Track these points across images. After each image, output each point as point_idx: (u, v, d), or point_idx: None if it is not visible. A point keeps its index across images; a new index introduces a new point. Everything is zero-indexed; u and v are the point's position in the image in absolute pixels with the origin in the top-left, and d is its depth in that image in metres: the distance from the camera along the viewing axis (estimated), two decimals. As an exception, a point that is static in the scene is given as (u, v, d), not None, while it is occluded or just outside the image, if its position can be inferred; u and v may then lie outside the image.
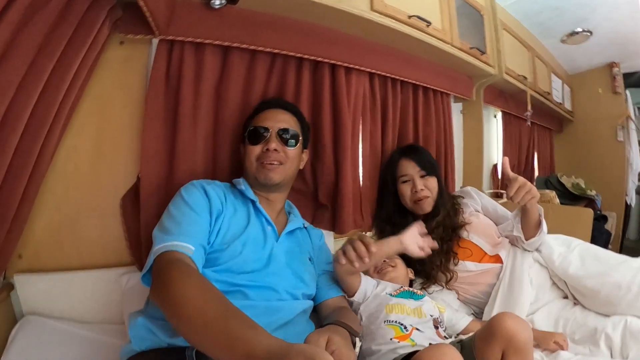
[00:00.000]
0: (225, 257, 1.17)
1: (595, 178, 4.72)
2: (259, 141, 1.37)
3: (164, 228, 1.10)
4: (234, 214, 1.28)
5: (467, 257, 1.79)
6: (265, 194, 1.40)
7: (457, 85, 2.66)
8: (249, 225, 1.28)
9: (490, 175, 3.50)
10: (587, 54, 4.51)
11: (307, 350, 0.67)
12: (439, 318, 1.41)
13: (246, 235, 1.25)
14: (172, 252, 1.02)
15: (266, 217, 1.35)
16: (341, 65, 1.79)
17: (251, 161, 1.38)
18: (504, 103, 3.43)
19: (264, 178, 1.36)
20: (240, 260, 1.19)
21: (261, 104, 1.49)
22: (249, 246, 1.23)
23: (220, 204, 1.25)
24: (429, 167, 1.87)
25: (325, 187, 1.83)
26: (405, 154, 1.91)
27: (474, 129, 3.00)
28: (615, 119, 4.96)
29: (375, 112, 2.04)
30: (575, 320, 1.57)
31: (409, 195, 1.86)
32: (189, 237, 1.08)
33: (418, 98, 2.30)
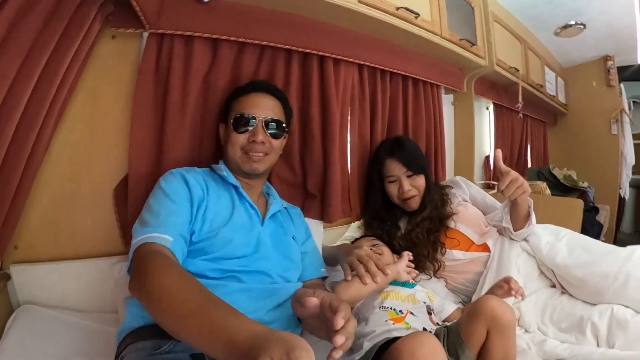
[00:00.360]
0: (216, 244, 1.18)
1: (590, 171, 4.75)
2: (245, 130, 1.35)
3: (142, 220, 1.09)
4: (218, 200, 1.27)
5: (455, 246, 1.81)
6: (247, 180, 1.39)
7: (447, 76, 2.68)
8: (235, 211, 1.28)
9: (482, 167, 3.52)
10: (581, 47, 4.52)
11: (287, 337, 0.67)
12: (431, 305, 1.42)
13: (234, 221, 1.24)
14: (150, 244, 1.01)
15: (249, 202, 1.34)
16: (330, 56, 1.81)
17: (235, 150, 1.36)
18: (496, 95, 3.44)
19: (249, 168, 1.35)
20: (232, 247, 1.20)
21: (248, 86, 1.46)
22: (238, 232, 1.23)
23: (202, 191, 1.23)
24: (416, 166, 1.87)
25: (314, 176, 1.85)
26: (391, 154, 1.89)
27: (465, 121, 3.01)
28: (609, 112, 4.98)
29: (364, 103, 2.06)
30: (562, 309, 1.58)
31: (396, 194, 1.88)
32: (167, 228, 1.06)
33: (408, 89, 2.32)
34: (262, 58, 1.67)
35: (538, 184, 3.29)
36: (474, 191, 2.06)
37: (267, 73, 1.68)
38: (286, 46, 1.67)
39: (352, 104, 2.00)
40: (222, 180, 1.35)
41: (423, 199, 1.88)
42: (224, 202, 1.29)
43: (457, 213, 1.89)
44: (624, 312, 1.43)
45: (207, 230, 1.19)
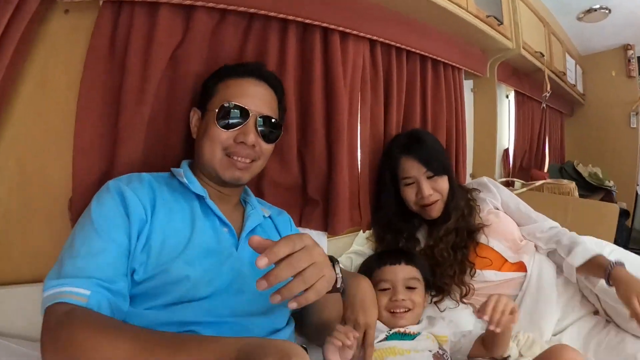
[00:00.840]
0: (166, 285, 0.89)
1: (606, 166, 4.50)
2: (232, 126, 1.05)
3: (59, 262, 0.84)
4: (170, 219, 0.96)
5: (486, 266, 1.53)
6: (220, 188, 1.11)
7: (469, 59, 2.37)
8: (196, 232, 0.97)
9: (501, 162, 3.28)
10: (602, 34, 4.38)
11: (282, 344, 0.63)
12: (439, 351, 1.20)
13: (193, 247, 0.95)
14: (60, 304, 0.77)
15: (220, 217, 1.04)
16: (336, 29, 1.49)
17: (214, 149, 1.05)
18: (518, 82, 3.19)
19: (230, 177, 1.06)
20: (190, 287, 0.91)
21: (240, 67, 1.17)
22: (199, 262, 0.94)
23: (144, 211, 0.93)
24: (438, 165, 1.56)
25: (315, 178, 1.54)
26: (407, 151, 1.59)
27: (486, 110, 2.72)
28: (629, 104, 4.85)
29: (378, 88, 1.73)
30: (608, 343, 1.35)
31: (413, 200, 1.57)
32: (84, 277, 0.80)
33: (426, 71, 2.01)
34: (249, 31, 1.35)
35: (566, 184, 2.98)
36: (505, 196, 1.73)
37: (255, 50, 1.36)
38: (280, 15, 1.35)
39: (363, 88, 1.67)
40: (183, 188, 1.05)
41: (446, 206, 1.56)
42: (179, 219, 0.98)
43: (488, 225, 1.57)
44: None
45: (153, 265, 0.89)
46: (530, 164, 3.75)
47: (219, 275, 0.95)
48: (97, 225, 0.87)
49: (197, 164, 1.11)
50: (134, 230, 0.89)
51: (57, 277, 0.80)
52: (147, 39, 1.16)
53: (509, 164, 3.32)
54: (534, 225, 1.61)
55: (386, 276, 1.34)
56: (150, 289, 0.89)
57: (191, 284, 0.90)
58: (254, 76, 1.13)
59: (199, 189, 1.04)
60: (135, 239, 0.89)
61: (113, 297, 0.82)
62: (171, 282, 0.89)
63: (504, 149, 3.32)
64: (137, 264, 0.88)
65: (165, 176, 1.07)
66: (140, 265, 0.88)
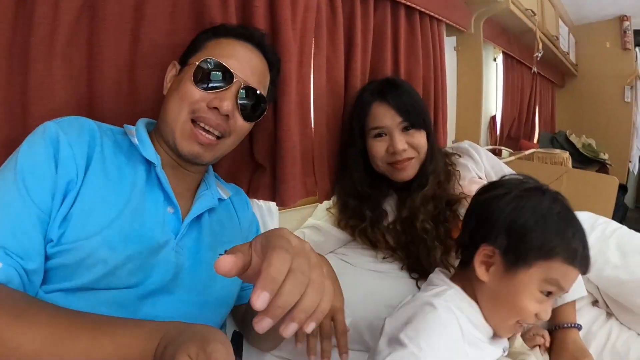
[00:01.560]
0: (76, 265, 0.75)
1: (598, 139, 4.53)
2: (209, 87, 0.89)
3: None
4: (104, 185, 0.80)
5: None
6: (179, 162, 0.93)
7: (451, 10, 2.16)
8: (129, 206, 0.81)
9: (487, 129, 3.15)
10: (598, 3, 4.43)
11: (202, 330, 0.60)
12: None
13: (120, 224, 0.78)
14: None
15: (167, 192, 0.87)
16: (282, -38, 1.25)
17: (180, 107, 0.88)
18: (507, 43, 3.05)
19: (188, 151, 0.89)
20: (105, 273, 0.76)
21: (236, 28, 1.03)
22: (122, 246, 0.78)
23: (75, 170, 0.78)
24: (416, 116, 1.31)
25: (262, 138, 1.32)
26: (380, 97, 1.34)
27: (471, 70, 2.54)
28: (623, 77, 4.89)
29: (336, 34, 1.50)
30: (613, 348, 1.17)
31: (382, 156, 1.33)
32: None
33: (399, 20, 1.77)
34: None
35: (559, 154, 2.87)
36: (489, 164, 1.50)
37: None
38: None
39: (318, 34, 1.43)
40: (132, 149, 0.89)
41: (423, 167, 1.34)
42: (112, 190, 0.81)
43: (471, 195, 1.34)
44: None
45: (70, 238, 0.75)
46: (519, 133, 3.69)
47: (146, 266, 0.80)
48: (20, 177, 0.74)
49: (158, 125, 0.95)
50: (60, 193, 0.76)
51: None
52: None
53: (497, 132, 3.22)
54: None
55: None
56: (61, 266, 0.75)
57: (108, 270, 0.76)
58: (251, 42, 0.99)
59: (151, 153, 0.87)
60: (59, 203, 0.76)
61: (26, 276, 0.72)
62: (85, 263, 0.75)
63: (490, 116, 3.21)
64: (54, 235, 0.74)
65: (116, 131, 0.90)
66: (57, 237, 0.75)
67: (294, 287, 0.50)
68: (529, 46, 3.11)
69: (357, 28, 1.57)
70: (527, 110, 3.79)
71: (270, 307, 0.48)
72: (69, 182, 0.77)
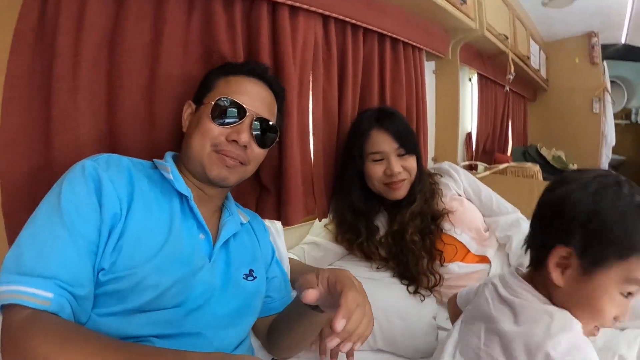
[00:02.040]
0: (130, 290, 0.81)
1: (569, 150, 4.67)
2: (226, 123, 0.99)
3: (17, 253, 0.75)
4: (147, 217, 0.88)
5: (452, 257, 1.47)
6: (204, 187, 1.02)
7: (431, 39, 2.29)
8: (172, 234, 0.89)
9: (464, 145, 3.26)
10: (567, 20, 4.48)
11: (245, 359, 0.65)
12: None
13: (166, 253, 0.86)
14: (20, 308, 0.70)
15: (200, 221, 0.96)
16: (284, 3, 1.38)
17: (204, 144, 0.98)
18: (481, 65, 3.17)
19: (216, 175, 0.98)
20: (156, 296, 0.83)
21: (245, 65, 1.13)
22: (169, 272, 0.86)
23: (119, 205, 0.84)
24: (409, 142, 1.48)
25: (267, 164, 1.42)
26: (378, 124, 1.49)
27: (448, 92, 2.67)
28: (591, 90, 4.99)
29: (331, 66, 1.63)
30: None
31: (379, 177, 1.48)
32: (49, 278, 0.73)
33: (385, 51, 1.91)
34: (192, 6, 1.23)
35: (530, 167, 3.01)
36: (467, 182, 1.67)
37: (201, 26, 1.25)
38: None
39: (315, 67, 1.56)
40: (164, 182, 0.96)
41: (412, 187, 1.49)
42: (156, 219, 0.89)
43: (452, 211, 1.51)
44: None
45: (122, 266, 0.81)
46: (493, 147, 3.80)
47: (188, 287, 0.88)
48: (66, 214, 0.78)
49: (182, 160, 1.03)
50: (106, 226, 0.81)
51: (17, 271, 0.73)
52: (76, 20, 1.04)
53: (472, 148, 3.32)
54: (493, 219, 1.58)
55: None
56: (114, 292, 0.81)
57: (159, 293, 0.83)
58: (257, 77, 1.08)
59: (184, 188, 0.95)
60: (106, 236, 0.81)
61: (76, 301, 0.76)
62: (138, 288, 0.81)
63: (466, 133, 3.31)
64: (106, 264, 0.80)
65: (146, 165, 0.98)
66: (109, 265, 0.80)
67: (358, 318, 0.71)
68: (502, 66, 3.22)
69: (348, 60, 1.69)
70: (500, 125, 3.89)
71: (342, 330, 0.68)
72: (114, 216, 0.83)
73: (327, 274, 0.80)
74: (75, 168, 0.85)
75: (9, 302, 0.71)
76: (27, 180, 1.00)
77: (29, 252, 0.75)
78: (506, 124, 4.12)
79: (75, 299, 0.76)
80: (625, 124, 6.46)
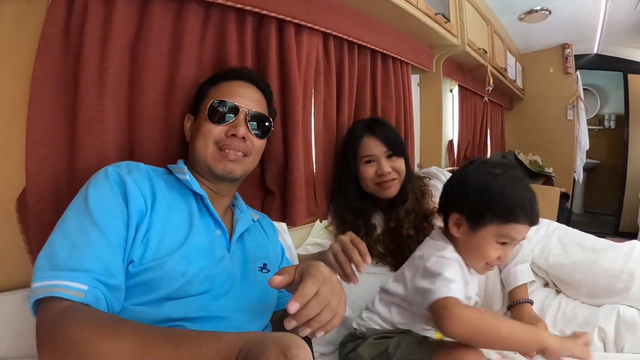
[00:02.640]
0: (161, 279, 0.87)
1: (545, 155, 4.78)
2: (223, 121, 1.08)
3: (50, 250, 0.79)
4: (169, 214, 0.94)
5: None
6: (215, 186, 1.11)
7: (417, 54, 2.46)
8: (193, 230, 0.96)
9: (447, 152, 3.39)
10: (542, 33, 4.59)
11: (282, 337, 0.62)
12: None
13: (190, 244, 0.93)
14: (56, 300, 0.74)
15: (216, 217, 1.05)
16: (291, 21, 1.51)
17: (206, 144, 1.07)
18: (462, 77, 3.32)
19: (222, 169, 1.06)
20: (184, 283, 0.89)
21: (230, 72, 1.21)
22: (195, 261, 0.92)
23: (144, 202, 0.91)
24: (397, 146, 1.65)
25: (273, 169, 1.55)
26: (369, 131, 1.67)
27: (432, 103, 2.84)
28: (565, 98, 5.15)
29: (330, 80, 1.78)
30: (564, 313, 1.50)
31: (371, 178, 1.65)
32: (82, 271, 0.77)
33: (377, 65, 2.07)
34: (207, 21, 1.33)
35: None
36: None
37: (215, 41, 1.35)
38: (237, 5, 1.33)
39: (317, 80, 1.71)
40: (180, 185, 1.04)
41: (403, 186, 1.66)
42: (178, 215, 0.97)
43: None
44: (631, 313, 1.37)
45: (150, 258, 0.87)
46: (473, 153, 3.91)
47: (212, 275, 0.94)
48: (95, 214, 0.83)
49: (191, 164, 1.11)
50: (133, 221, 0.87)
51: (50, 268, 0.77)
52: (103, 28, 1.10)
53: (454, 154, 3.45)
54: None
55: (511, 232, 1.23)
56: (144, 282, 0.86)
57: (186, 280, 0.89)
58: (243, 79, 1.18)
59: (199, 188, 1.03)
60: (133, 231, 0.87)
61: (110, 291, 0.80)
62: (167, 277, 0.87)
63: (448, 140, 3.42)
64: (135, 256, 0.86)
65: (161, 171, 1.05)
66: (138, 257, 0.86)
67: (315, 306, 0.71)
68: (482, 78, 3.37)
69: (345, 74, 1.84)
70: (480, 133, 4.09)
71: (298, 314, 0.69)
72: (139, 212, 0.88)
73: (302, 265, 0.81)
74: (99, 174, 0.91)
75: (43, 296, 0.74)
76: (51, 184, 1.05)
77: (61, 249, 0.78)
78: (485, 131, 4.25)
79: (108, 289, 0.79)
80: (599, 130, 6.67)
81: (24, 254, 1.06)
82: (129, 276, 0.86)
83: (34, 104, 1.02)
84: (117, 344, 0.66)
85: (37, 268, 0.77)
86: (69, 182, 1.05)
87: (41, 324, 0.73)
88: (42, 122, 1.04)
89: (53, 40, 1.05)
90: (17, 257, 1.06)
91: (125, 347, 0.66)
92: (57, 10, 1.05)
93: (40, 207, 1.03)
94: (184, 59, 1.26)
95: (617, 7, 3.79)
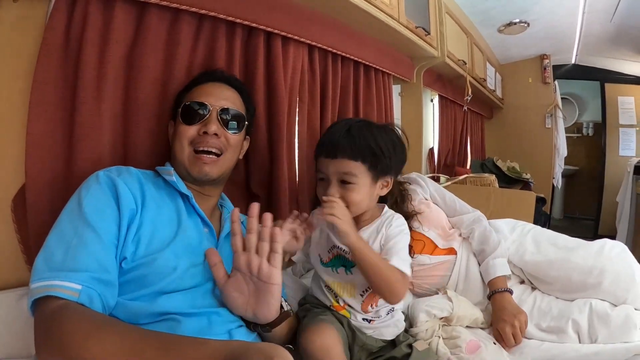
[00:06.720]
0: (153, 274, 0.91)
1: (525, 162, 4.96)
2: (195, 121, 1.11)
3: (46, 253, 0.84)
4: (158, 213, 0.99)
5: (421, 249, 1.68)
6: (199, 188, 1.14)
7: (398, 66, 2.55)
8: (181, 228, 1.01)
9: (427, 160, 3.49)
10: (521, 44, 4.70)
11: (265, 347, 0.65)
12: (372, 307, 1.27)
13: (179, 241, 0.98)
14: (52, 298, 0.78)
15: (202, 216, 1.09)
16: (278, 33, 1.58)
17: (182, 145, 1.10)
18: (442, 87, 3.42)
19: (198, 172, 1.09)
20: (176, 278, 0.93)
21: (201, 76, 1.24)
22: (184, 257, 0.96)
23: (134, 202, 0.95)
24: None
25: (258, 174, 1.61)
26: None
27: (413, 112, 2.93)
28: (544, 107, 5.32)
29: (315, 90, 1.85)
30: (539, 307, 1.55)
31: None
32: (76, 271, 0.81)
33: (359, 76, 2.16)
34: (200, 32, 1.38)
35: (487, 177, 3.23)
36: (433, 188, 1.91)
37: (206, 51, 1.40)
38: (228, 17, 1.39)
39: (302, 90, 1.78)
40: (168, 186, 1.09)
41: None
42: (166, 214, 1.02)
43: (421, 213, 1.73)
44: (603, 305, 1.43)
45: (142, 254, 0.92)
46: (454, 161, 4.01)
47: (201, 271, 0.99)
48: (88, 216, 0.87)
49: (174, 166, 1.13)
50: (125, 220, 0.91)
51: (47, 269, 0.81)
52: (102, 35, 1.15)
53: (435, 162, 3.53)
54: (458, 217, 1.80)
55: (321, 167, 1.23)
56: (138, 278, 0.90)
57: (177, 275, 0.93)
58: (215, 80, 1.21)
59: (184, 189, 1.07)
60: (125, 229, 0.91)
61: (104, 287, 0.83)
62: (158, 272, 0.91)
63: (429, 148, 3.52)
64: (128, 253, 0.90)
65: (150, 174, 1.09)
66: (130, 254, 0.90)
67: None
68: (461, 88, 3.46)
69: (329, 84, 1.91)
70: (460, 141, 4.18)
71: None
72: (130, 211, 0.92)
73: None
74: (90, 179, 0.96)
75: (40, 295, 0.77)
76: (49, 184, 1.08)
77: (57, 251, 0.82)
78: (465, 139, 4.34)
79: (103, 284, 0.83)
80: (577, 137, 6.88)
81: (18, 254, 1.10)
82: (123, 272, 0.90)
83: (33, 107, 1.06)
84: (105, 346, 0.69)
85: (35, 270, 0.81)
86: (66, 183, 1.09)
87: (38, 323, 0.77)
88: (42, 124, 1.08)
89: (54, 45, 1.09)
90: (11, 256, 1.10)
91: (113, 350, 0.69)
92: (58, 17, 1.08)
93: (39, 207, 1.07)
94: (177, 67, 1.30)
95: (594, 19, 3.90)
